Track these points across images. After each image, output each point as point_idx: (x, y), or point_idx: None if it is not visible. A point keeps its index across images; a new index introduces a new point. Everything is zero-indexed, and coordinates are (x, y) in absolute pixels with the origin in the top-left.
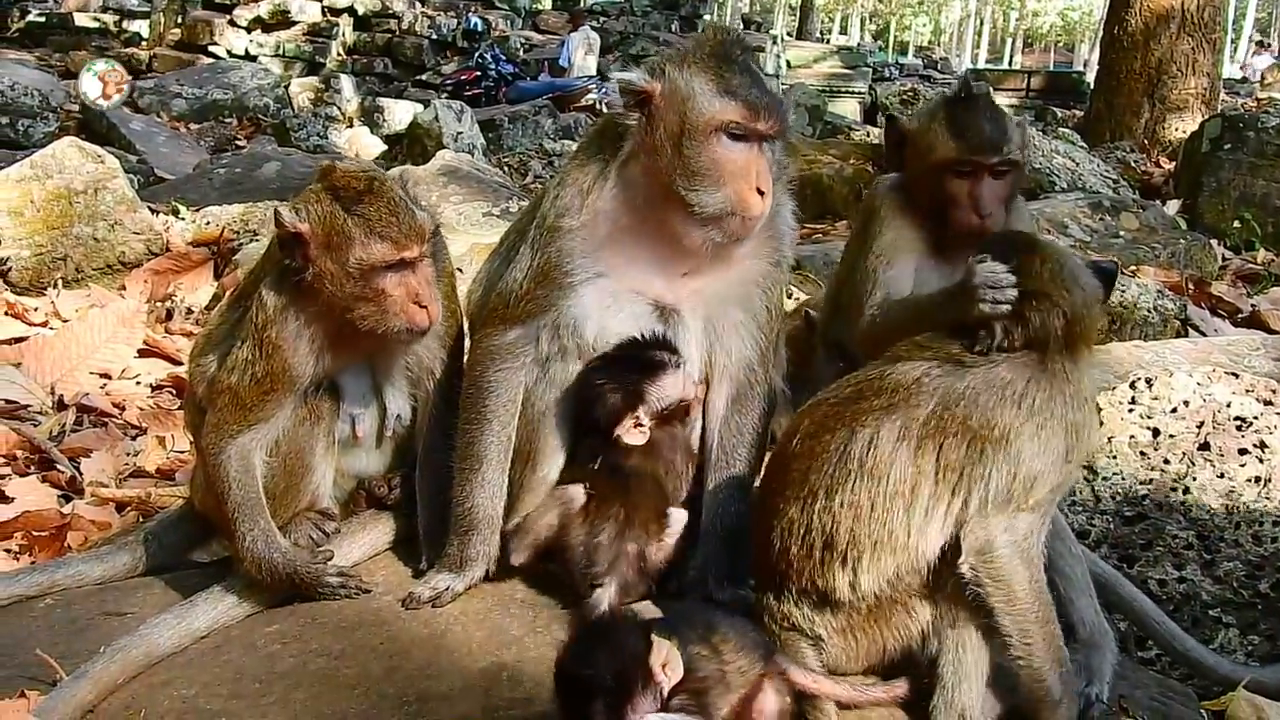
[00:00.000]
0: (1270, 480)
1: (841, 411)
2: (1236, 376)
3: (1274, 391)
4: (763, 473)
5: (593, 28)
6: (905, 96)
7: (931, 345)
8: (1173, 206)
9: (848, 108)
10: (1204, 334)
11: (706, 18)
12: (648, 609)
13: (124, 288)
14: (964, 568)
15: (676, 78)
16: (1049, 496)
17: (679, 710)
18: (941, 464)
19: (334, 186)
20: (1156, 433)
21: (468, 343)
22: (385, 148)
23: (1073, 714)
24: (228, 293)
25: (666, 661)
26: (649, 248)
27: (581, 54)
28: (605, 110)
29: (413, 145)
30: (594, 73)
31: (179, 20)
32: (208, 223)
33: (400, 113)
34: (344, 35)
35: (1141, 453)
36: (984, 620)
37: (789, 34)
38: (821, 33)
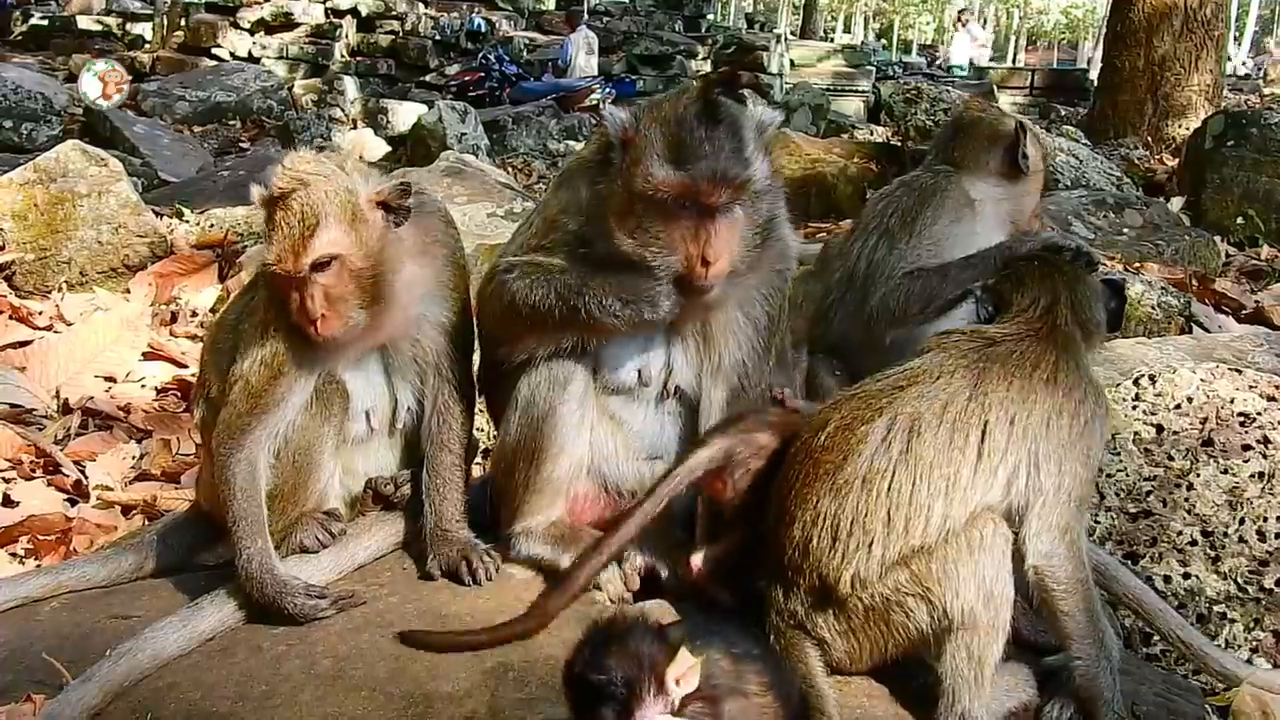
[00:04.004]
0: (1274, 476)
1: (875, 403)
2: (1240, 373)
3: (1278, 387)
4: (783, 470)
5: (596, 28)
6: (909, 95)
7: (956, 332)
8: (1176, 203)
9: (851, 106)
10: (1208, 330)
11: (710, 17)
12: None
13: (128, 291)
14: (1029, 573)
15: (642, 134)
16: (1091, 489)
17: (691, 716)
18: (987, 446)
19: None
20: (1160, 429)
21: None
22: (390, 149)
23: (1122, 711)
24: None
25: (682, 675)
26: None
27: (583, 54)
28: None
29: (417, 146)
30: (596, 73)
31: (182, 23)
32: (212, 225)
33: (404, 114)
34: (347, 37)
35: (1146, 449)
36: (980, 622)
37: (793, 33)
38: (825, 31)
